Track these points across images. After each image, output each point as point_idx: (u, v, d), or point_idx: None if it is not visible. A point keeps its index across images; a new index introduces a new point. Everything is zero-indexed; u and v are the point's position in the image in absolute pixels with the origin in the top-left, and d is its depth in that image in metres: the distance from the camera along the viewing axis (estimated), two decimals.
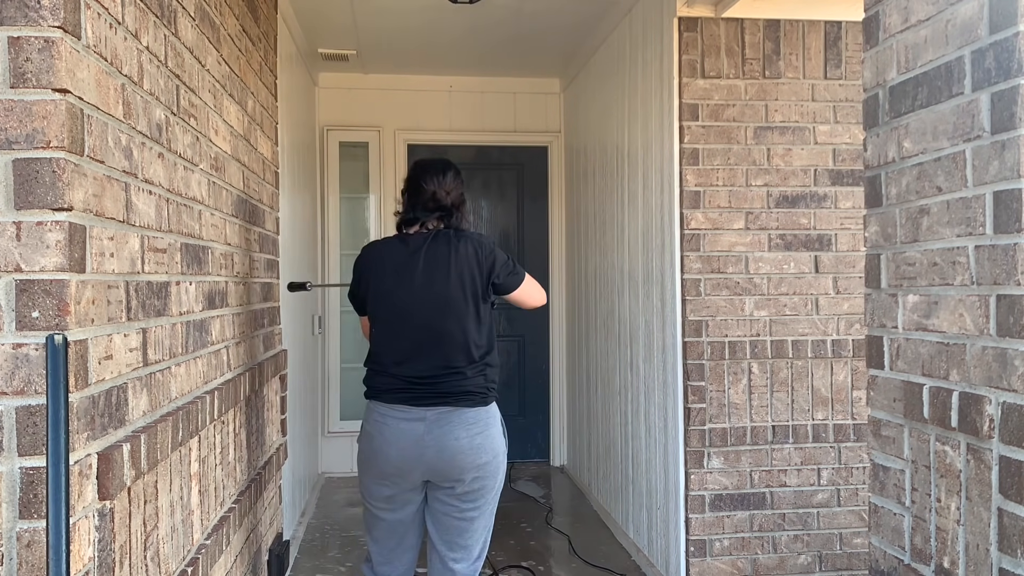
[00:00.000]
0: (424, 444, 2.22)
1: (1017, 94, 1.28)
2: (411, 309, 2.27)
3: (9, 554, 1.21)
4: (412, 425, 2.23)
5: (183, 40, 1.96)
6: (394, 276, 2.29)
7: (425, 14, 4.14)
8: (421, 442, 2.23)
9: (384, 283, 2.31)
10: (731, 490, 3.23)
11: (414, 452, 2.23)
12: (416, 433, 2.23)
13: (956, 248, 1.42)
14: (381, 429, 2.27)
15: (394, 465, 2.25)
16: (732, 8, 3.14)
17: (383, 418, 2.27)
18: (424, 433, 2.23)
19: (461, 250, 2.28)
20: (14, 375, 1.22)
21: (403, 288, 2.28)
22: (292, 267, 3.89)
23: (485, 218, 5.56)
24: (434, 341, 2.26)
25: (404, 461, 2.24)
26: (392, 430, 2.24)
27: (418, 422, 2.23)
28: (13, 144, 1.23)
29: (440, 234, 2.31)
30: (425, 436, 2.23)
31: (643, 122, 3.66)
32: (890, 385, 1.61)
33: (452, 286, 2.26)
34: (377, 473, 2.28)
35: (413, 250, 2.29)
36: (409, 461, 2.24)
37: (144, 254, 1.62)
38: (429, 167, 2.39)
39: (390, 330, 2.31)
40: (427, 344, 2.26)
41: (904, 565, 1.56)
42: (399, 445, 2.23)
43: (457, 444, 2.23)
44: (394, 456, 2.24)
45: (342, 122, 5.37)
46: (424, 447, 2.23)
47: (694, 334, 3.21)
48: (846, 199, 3.31)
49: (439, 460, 2.23)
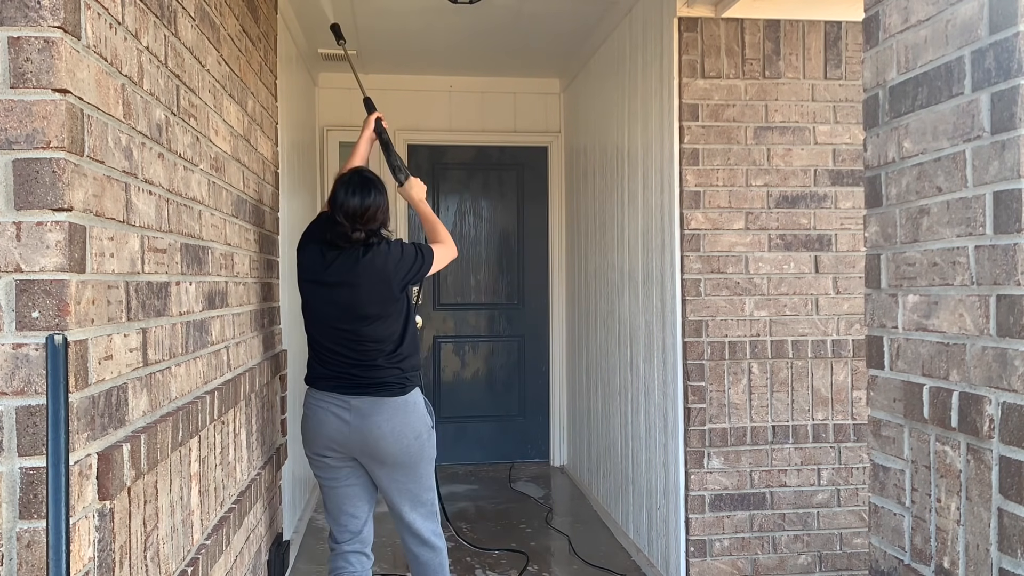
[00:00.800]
0: (351, 428, 2.50)
1: (1017, 94, 1.28)
2: (329, 314, 2.53)
3: (9, 554, 1.21)
4: (340, 411, 2.51)
5: (183, 40, 1.96)
6: (313, 283, 2.55)
7: (425, 14, 4.14)
8: (348, 426, 2.50)
9: (303, 283, 2.58)
10: (731, 490, 3.23)
11: (342, 435, 2.51)
12: (343, 418, 2.51)
13: (956, 248, 1.42)
14: (315, 411, 2.55)
15: (325, 445, 2.54)
16: (732, 8, 3.14)
17: (316, 403, 2.55)
18: (350, 419, 2.50)
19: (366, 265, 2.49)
20: (14, 375, 1.22)
21: (317, 293, 2.55)
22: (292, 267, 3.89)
23: (485, 218, 5.56)
24: (350, 338, 2.52)
25: (334, 441, 2.53)
26: (324, 413, 2.53)
27: (345, 409, 2.50)
28: (13, 144, 1.23)
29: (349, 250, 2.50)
30: (352, 422, 2.50)
31: (643, 122, 3.66)
32: (890, 385, 1.61)
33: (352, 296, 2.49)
34: (314, 451, 2.58)
35: (328, 263, 2.51)
36: (338, 442, 2.52)
37: (144, 254, 1.62)
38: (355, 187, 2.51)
39: (316, 328, 2.59)
40: (346, 342, 2.52)
41: (904, 565, 1.56)
42: (329, 428, 2.52)
43: (379, 431, 2.49)
44: (324, 437, 2.53)
45: (342, 122, 5.37)
46: (351, 431, 2.50)
47: (694, 334, 3.21)
48: (846, 199, 3.31)
49: (364, 444, 2.50)
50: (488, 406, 5.62)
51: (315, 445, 2.56)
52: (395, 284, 2.54)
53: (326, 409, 2.52)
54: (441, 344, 5.56)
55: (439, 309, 5.56)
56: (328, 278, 2.50)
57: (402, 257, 2.55)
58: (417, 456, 2.55)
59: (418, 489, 2.59)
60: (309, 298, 2.56)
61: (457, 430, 5.52)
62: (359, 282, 2.48)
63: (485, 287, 5.62)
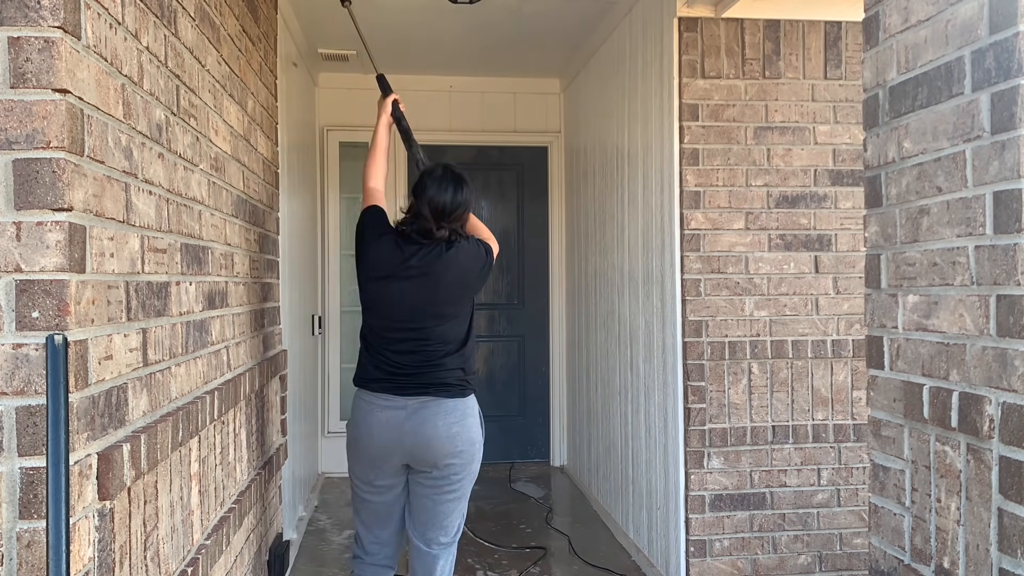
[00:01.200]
0: (404, 431, 2.36)
1: (1017, 94, 1.28)
2: (400, 310, 2.40)
3: (9, 554, 1.21)
4: (394, 413, 2.37)
5: (183, 40, 1.96)
6: (388, 273, 2.40)
7: (425, 14, 4.14)
8: (401, 428, 2.36)
9: (376, 280, 2.42)
10: (731, 490, 3.23)
11: (395, 437, 2.37)
12: (397, 420, 2.36)
13: (956, 248, 1.42)
14: (366, 416, 2.40)
15: (377, 449, 2.39)
16: (732, 8, 3.14)
17: (368, 405, 2.41)
18: (404, 420, 2.36)
19: (449, 260, 2.40)
20: (14, 375, 1.22)
21: (391, 288, 2.40)
22: (292, 267, 3.90)
23: (485, 218, 5.55)
24: (419, 337, 2.40)
25: (386, 446, 2.38)
26: (376, 417, 2.38)
27: (400, 410, 2.37)
28: (13, 144, 1.23)
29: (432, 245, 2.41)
30: (405, 423, 2.36)
31: (643, 122, 3.66)
32: (890, 385, 1.61)
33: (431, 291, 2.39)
34: (363, 457, 2.42)
35: (408, 256, 2.39)
36: (390, 446, 2.37)
37: (144, 254, 1.62)
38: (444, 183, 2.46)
39: (381, 324, 2.44)
40: (413, 340, 2.40)
41: (904, 565, 1.56)
42: (382, 431, 2.37)
43: (435, 432, 2.36)
44: (377, 441, 2.38)
45: (342, 122, 5.37)
46: (404, 433, 2.36)
47: (694, 334, 3.21)
48: (846, 199, 3.31)
49: (416, 446, 2.36)
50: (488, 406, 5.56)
51: (365, 452, 2.40)
52: (474, 284, 2.48)
53: (380, 411, 2.38)
54: None
55: None
56: (407, 273, 2.37)
57: (484, 259, 2.47)
58: (467, 467, 2.41)
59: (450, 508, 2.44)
60: (379, 293, 2.41)
61: None
62: (440, 279, 2.38)
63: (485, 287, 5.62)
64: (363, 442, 2.40)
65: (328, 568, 3.72)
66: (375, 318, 2.45)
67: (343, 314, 5.40)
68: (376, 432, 2.37)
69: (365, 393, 2.43)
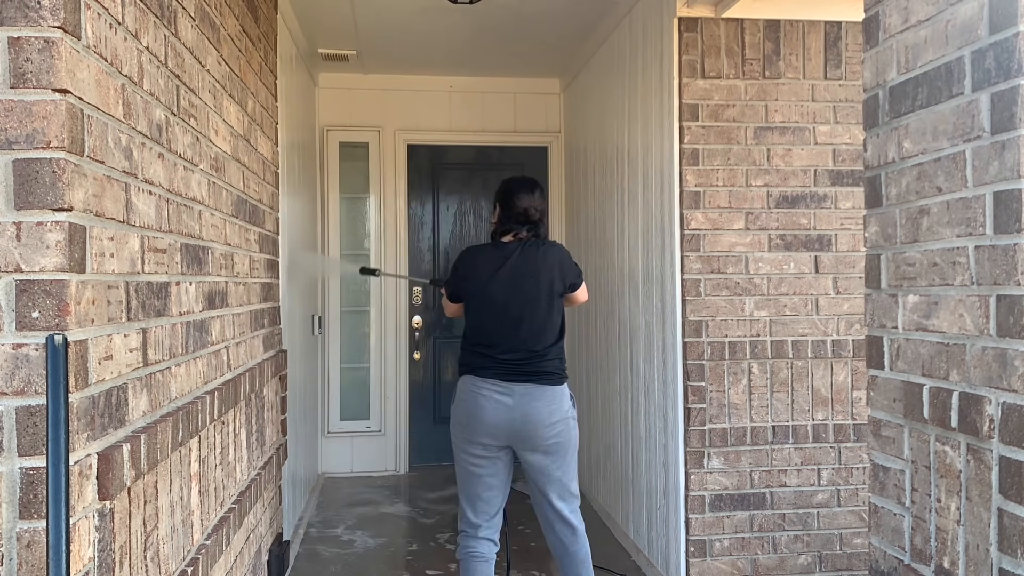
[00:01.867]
0: (512, 415, 2.68)
1: (1017, 94, 1.28)
2: (504, 305, 2.74)
3: (9, 554, 1.21)
4: (502, 398, 2.69)
5: (183, 40, 1.96)
6: (491, 277, 2.76)
7: (425, 14, 4.14)
8: (510, 412, 2.69)
9: (482, 283, 2.77)
10: (731, 490, 3.23)
11: (503, 420, 2.69)
12: (506, 404, 2.69)
13: (956, 248, 1.42)
14: (476, 398, 2.72)
15: (486, 429, 2.70)
16: (732, 8, 3.14)
17: (478, 390, 2.72)
18: (513, 405, 2.69)
19: (545, 257, 2.77)
20: (14, 375, 1.22)
21: (498, 288, 2.75)
22: (292, 267, 3.89)
23: (485, 218, 5.56)
24: (521, 331, 2.73)
25: (494, 427, 2.70)
26: (486, 400, 2.70)
27: (506, 395, 2.69)
28: (13, 144, 1.23)
29: (529, 243, 2.79)
30: (513, 408, 2.69)
31: (643, 122, 3.66)
32: (890, 385, 1.61)
33: (537, 286, 2.75)
34: (472, 436, 2.73)
35: (507, 255, 2.77)
36: (499, 427, 2.69)
37: (144, 254, 1.62)
38: (522, 186, 2.85)
39: (486, 320, 2.77)
40: (515, 333, 2.73)
41: (904, 565, 1.56)
42: (491, 413, 2.69)
43: (538, 416, 2.68)
44: (486, 422, 2.70)
45: (342, 122, 5.37)
46: (512, 417, 2.68)
47: (694, 334, 3.21)
48: (846, 199, 3.31)
49: (523, 428, 2.69)
50: None
51: (473, 431, 2.71)
52: (567, 278, 2.81)
53: (488, 396, 2.69)
54: (441, 344, 5.56)
55: (438, 309, 5.56)
56: (510, 272, 2.74)
57: (569, 259, 2.85)
58: (567, 443, 2.74)
59: (567, 478, 2.77)
60: (485, 293, 2.75)
61: None
62: (539, 274, 2.75)
63: None
64: (473, 422, 2.71)
65: (328, 568, 3.72)
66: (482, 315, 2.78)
67: (343, 314, 5.41)
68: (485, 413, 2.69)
69: (473, 379, 2.74)
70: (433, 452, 5.50)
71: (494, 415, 2.68)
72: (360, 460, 5.40)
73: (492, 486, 2.78)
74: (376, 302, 5.44)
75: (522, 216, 2.80)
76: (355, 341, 5.45)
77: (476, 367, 2.73)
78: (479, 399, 2.69)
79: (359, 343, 5.46)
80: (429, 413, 5.53)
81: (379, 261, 5.42)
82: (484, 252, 2.84)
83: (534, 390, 2.69)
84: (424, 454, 5.49)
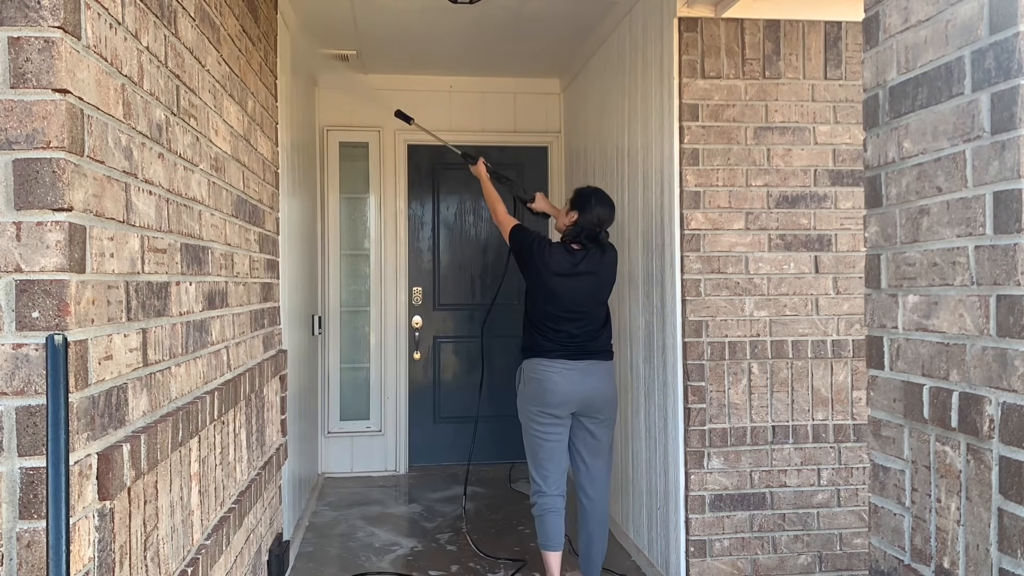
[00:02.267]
0: (580, 385, 3.18)
1: (1017, 94, 1.28)
2: (572, 297, 3.21)
3: (9, 554, 1.21)
4: (570, 372, 3.18)
5: (183, 40, 1.96)
6: (561, 275, 3.20)
7: (425, 14, 4.14)
8: (578, 384, 3.18)
9: (554, 278, 3.21)
10: (731, 490, 3.23)
11: (573, 390, 3.18)
12: (574, 378, 3.18)
13: (956, 248, 1.42)
14: (548, 375, 3.19)
15: (558, 400, 3.18)
16: (732, 8, 3.14)
17: (549, 367, 3.20)
18: (579, 378, 3.18)
19: (605, 260, 3.26)
20: (14, 375, 1.22)
21: (567, 284, 3.21)
22: (292, 267, 3.90)
23: (485, 218, 5.56)
24: (584, 318, 3.22)
25: (566, 396, 3.18)
26: (557, 375, 3.19)
27: (573, 371, 3.18)
28: (13, 144, 1.23)
29: (593, 249, 3.23)
30: (580, 380, 3.18)
31: (643, 122, 3.66)
32: (890, 385, 1.61)
33: (597, 284, 3.24)
34: (546, 406, 3.21)
35: (578, 260, 3.22)
36: (569, 396, 3.18)
37: (144, 254, 1.62)
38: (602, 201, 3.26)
39: (556, 309, 3.22)
40: (579, 319, 3.21)
41: (904, 565, 1.56)
42: (562, 386, 3.18)
43: (600, 384, 3.22)
44: (559, 393, 3.18)
45: (342, 122, 5.37)
46: (580, 387, 3.18)
47: (694, 334, 3.21)
48: (846, 199, 3.31)
49: (590, 396, 3.20)
50: (488, 406, 5.61)
51: (547, 402, 3.19)
52: (615, 276, 3.32)
53: (558, 372, 3.18)
54: (441, 344, 5.56)
55: (439, 309, 5.56)
56: (579, 270, 3.20)
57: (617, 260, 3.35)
58: (615, 409, 3.31)
59: (609, 441, 3.32)
60: (555, 287, 3.20)
61: (457, 430, 5.52)
62: (601, 273, 3.25)
63: (485, 287, 5.62)
64: (547, 395, 3.18)
65: (328, 568, 3.72)
66: (550, 305, 3.22)
67: (343, 314, 5.41)
68: (558, 386, 3.17)
69: (542, 360, 3.20)
70: (433, 452, 5.51)
71: (564, 387, 3.17)
72: (360, 460, 5.40)
73: (561, 451, 3.27)
74: (376, 302, 5.44)
75: (596, 228, 3.22)
76: (355, 341, 5.45)
77: (546, 349, 3.21)
78: (551, 375, 3.19)
79: (359, 343, 5.46)
80: (429, 413, 5.53)
81: (379, 261, 5.42)
82: (559, 251, 3.23)
83: (593, 365, 3.21)
84: (424, 454, 5.49)
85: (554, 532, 3.26)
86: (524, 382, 3.27)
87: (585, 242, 3.21)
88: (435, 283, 5.55)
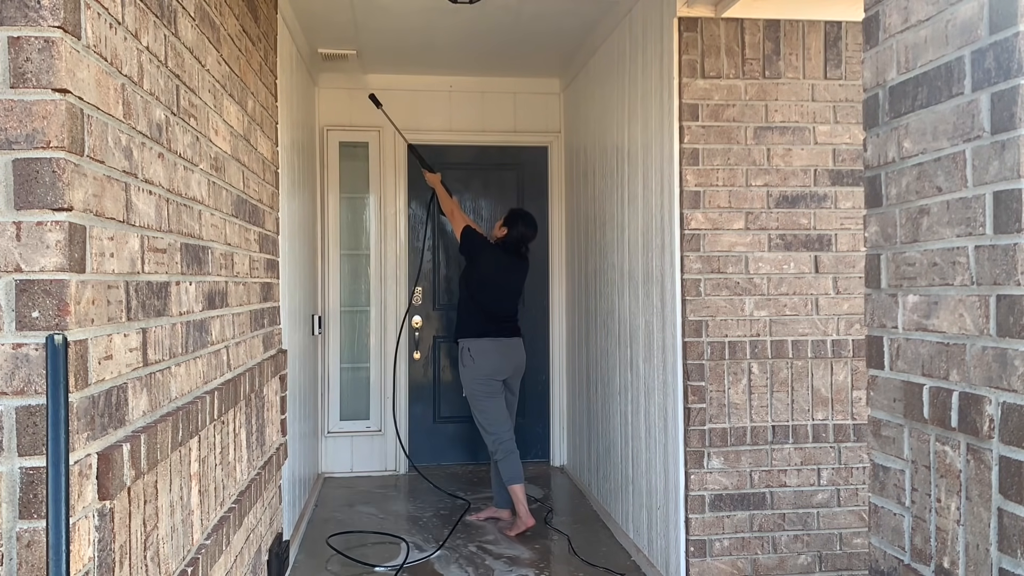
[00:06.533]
0: (513, 358, 4.34)
1: (1017, 94, 1.28)
2: (505, 289, 4.37)
3: (9, 554, 1.21)
4: (505, 346, 4.31)
5: (183, 40, 1.96)
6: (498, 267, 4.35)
7: (425, 14, 4.14)
8: (513, 356, 4.33)
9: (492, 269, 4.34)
10: (731, 490, 3.23)
11: (508, 360, 4.31)
12: (509, 350, 4.32)
13: (956, 248, 1.42)
14: (496, 347, 4.27)
15: (503, 368, 4.28)
16: (732, 8, 3.14)
17: (494, 344, 4.27)
18: (513, 352, 4.34)
19: (523, 265, 4.44)
20: (14, 375, 1.22)
21: (502, 275, 4.36)
22: (292, 267, 3.90)
23: (485, 218, 5.56)
24: (510, 305, 4.38)
25: (505, 365, 4.29)
26: (500, 348, 4.28)
27: (507, 345, 4.31)
28: (13, 144, 1.23)
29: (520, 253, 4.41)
30: (514, 354, 4.34)
31: (643, 122, 3.66)
32: (890, 385, 1.61)
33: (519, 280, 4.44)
34: (497, 374, 4.25)
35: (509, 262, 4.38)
36: (507, 365, 4.30)
37: (144, 254, 1.62)
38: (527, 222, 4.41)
39: (494, 296, 4.34)
40: (506, 306, 4.36)
41: (904, 565, 1.56)
42: (503, 357, 4.29)
43: (521, 354, 4.39)
44: (504, 363, 4.29)
45: (342, 122, 5.37)
46: (513, 359, 4.34)
47: (694, 334, 3.22)
48: (846, 199, 3.31)
49: (516, 364, 4.35)
50: None
51: (497, 371, 4.24)
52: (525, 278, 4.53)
53: (502, 349, 4.27)
54: (440, 344, 5.56)
55: (438, 309, 5.56)
56: (509, 270, 4.37)
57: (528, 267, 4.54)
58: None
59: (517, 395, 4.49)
60: (494, 279, 4.33)
61: (456, 430, 5.52)
62: (521, 271, 4.45)
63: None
64: (496, 364, 4.25)
65: (328, 568, 3.72)
66: (487, 293, 4.32)
67: (343, 314, 5.41)
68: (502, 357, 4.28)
69: (486, 339, 4.25)
70: (433, 452, 5.51)
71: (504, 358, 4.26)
72: (360, 460, 5.40)
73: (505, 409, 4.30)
74: (376, 302, 5.44)
75: (520, 241, 4.38)
76: (355, 341, 5.45)
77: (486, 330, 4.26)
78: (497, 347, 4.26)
79: (359, 343, 5.46)
80: (429, 413, 5.53)
81: (379, 261, 5.43)
82: (497, 250, 4.38)
83: (515, 340, 4.35)
84: (424, 454, 5.49)
85: (517, 467, 4.17)
86: (475, 358, 4.22)
87: (511, 249, 4.35)
88: (435, 283, 5.55)
